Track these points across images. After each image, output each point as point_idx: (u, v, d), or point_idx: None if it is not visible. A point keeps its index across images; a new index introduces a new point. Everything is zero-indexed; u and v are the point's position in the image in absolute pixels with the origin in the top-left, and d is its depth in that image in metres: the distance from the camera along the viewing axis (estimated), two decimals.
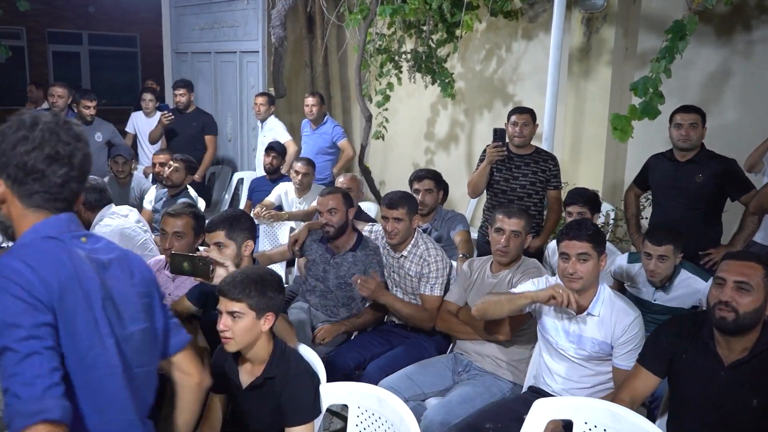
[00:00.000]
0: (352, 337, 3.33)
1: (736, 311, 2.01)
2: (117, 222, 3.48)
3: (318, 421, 2.16)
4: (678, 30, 3.45)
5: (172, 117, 5.72)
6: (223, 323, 2.02)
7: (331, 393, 2.22)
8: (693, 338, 2.18)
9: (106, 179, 4.67)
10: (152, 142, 6.01)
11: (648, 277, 3.04)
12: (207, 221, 2.59)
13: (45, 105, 7.08)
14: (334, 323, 3.20)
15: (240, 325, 2.01)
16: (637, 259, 3.19)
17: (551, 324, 2.55)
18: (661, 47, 3.56)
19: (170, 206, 4.34)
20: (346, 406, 2.29)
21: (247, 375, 2.13)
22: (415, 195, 3.68)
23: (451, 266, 3.21)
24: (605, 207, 4.71)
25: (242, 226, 2.61)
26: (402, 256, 3.17)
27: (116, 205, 3.64)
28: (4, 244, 4.58)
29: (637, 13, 5.06)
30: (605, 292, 2.48)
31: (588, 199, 3.42)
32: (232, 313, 2.01)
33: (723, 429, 2.10)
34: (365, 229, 3.50)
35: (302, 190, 4.77)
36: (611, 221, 4.90)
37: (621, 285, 3.29)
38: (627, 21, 5.06)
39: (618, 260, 3.31)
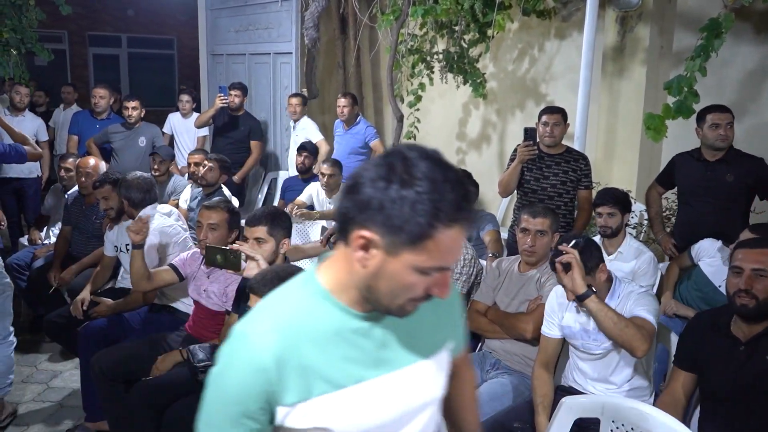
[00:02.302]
0: None
1: (756, 297, 2.08)
2: (159, 220, 3.59)
3: None
4: (713, 28, 3.39)
5: (227, 100, 5.81)
6: None
7: None
8: (712, 329, 2.23)
9: None
10: (199, 126, 6.11)
11: None
12: (248, 216, 2.67)
13: (74, 106, 7.28)
14: None
15: None
16: None
17: (570, 331, 2.54)
18: (696, 45, 3.51)
19: None
20: None
21: None
22: None
23: (480, 266, 3.21)
24: (639, 207, 4.66)
25: (283, 224, 2.67)
26: None
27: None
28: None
29: (673, 11, 4.99)
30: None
31: (618, 199, 3.38)
32: None
33: (745, 407, 2.11)
34: None
35: (331, 190, 4.83)
36: (645, 221, 4.84)
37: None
38: (662, 19, 4.99)
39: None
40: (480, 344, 3.10)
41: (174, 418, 2.53)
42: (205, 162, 4.65)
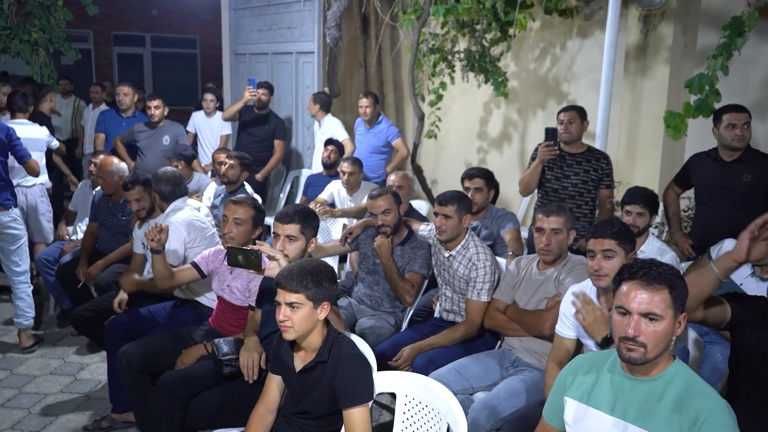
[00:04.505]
0: (402, 330, 3.41)
1: None
2: (189, 213, 3.66)
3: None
4: (736, 26, 3.38)
5: (255, 93, 5.88)
6: (283, 313, 2.11)
7: (379, 382, 2.30)
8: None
9: None
10: (226, 119, 6.18)
11: None
12: (280, 213, 2.70)
13: (103, 106, 7.40)
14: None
15: (298, 315, 2.11)
16: None
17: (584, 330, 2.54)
18: (718, 44, 3.49)
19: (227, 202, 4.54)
20: (394, 399, 2.36)
21: (300, 360, 2.23)
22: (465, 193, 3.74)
23: (501, 270, 3.23)
24: (660, 207, 4.65)
25: (313, 223, 2.71)
26: (450, 255, 3.21)
27: None
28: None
29: (696, 10, 4.96)
30: None
31: (648, 199, 3.33)
32: (290, 304, 2.11)
33: None
34: (421, 228, 3.59)
35: (351, 188, 4.87)
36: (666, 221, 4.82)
37: None
38: (686, 17, 4.96)
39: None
40: (500, 342, 3.12)
41: (198, 409, 2.59)
42: (226, 160, 4.71)
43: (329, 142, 5.45)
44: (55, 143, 5.45)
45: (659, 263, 1.81)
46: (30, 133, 4.88)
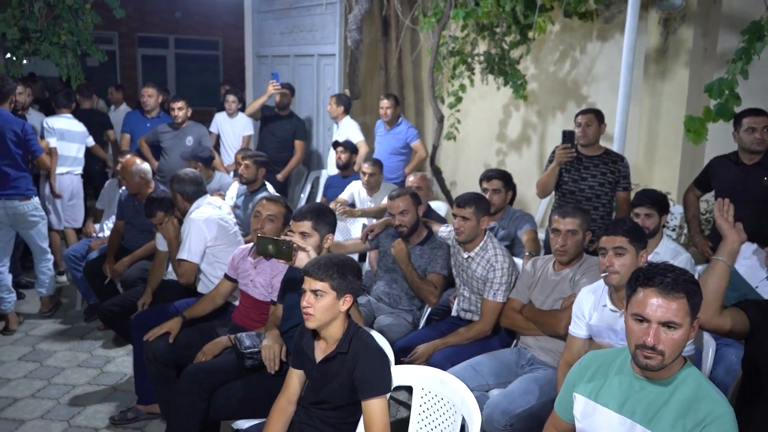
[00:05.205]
0: (419, 327, 3.47)
1: None
2: (212, 211, 3.77)
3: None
4: (755, 30, 3.39)
5: (280, 87, 5.98)
6: (307, 300, 2.20)
7: (397, 375, 2.36)
8: None
9: None
10: (249, 114, 6.26)
11: None
12: (295, 211, 2.82)
13: (123, 106, 7.55)
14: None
15: (321, 303, 2.19)
16: None
17: (597, 330, 2.59)
18: (737, 48, 3.51)
19: (249, 202, 4.64)
20: (411, 397, 2.43)
21: (321, 351, 2.30)
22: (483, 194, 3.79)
23: (517, 271, 3.28)
24: (679, 209, 4.65)
25: (327, 219, 2.80)
26: (469, 256, 3.26)
27: None
28: (100, 234, 4.98)
29: (717, 13, 4.95)
30: None
31: (656, 200, 3.37)
32: (315, 292, 2.19)
33: None
34: (441, 229, 3.65)
35: (371, 189, 4.94)
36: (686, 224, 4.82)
37: None
38: (707, 21, 4.96)
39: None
40: (515, 341, 3.17)
41: (221, 400, 2.68)
42: (241, 161, 4.80)
43: (336, 144, 5.52)
44: (90, 141, 5.86)
45: (673, 268, 1.81)
46: (71, 126, 5.58)
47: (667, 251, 3.36)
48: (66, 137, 5.50)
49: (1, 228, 4.51)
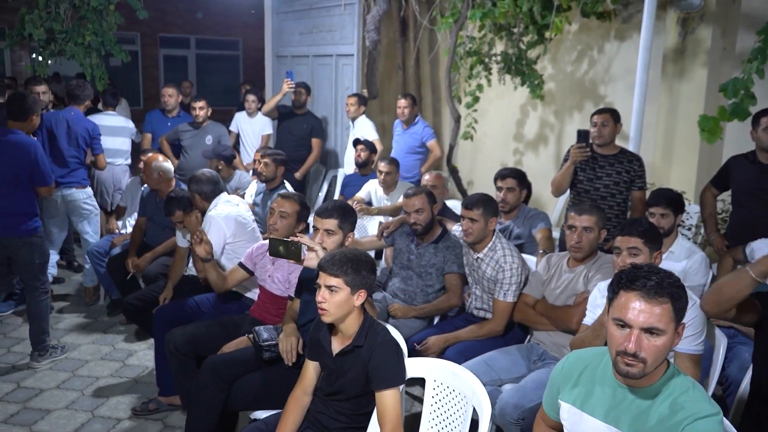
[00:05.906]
0: (434, 323, 3.53)
1: None
2: (230, 209, 3.86)
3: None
4: None
5: (294, 85, 6.09)
6: (321, 295, 2.25)
7: (410, 367, 2.42)
8: None
9: None
10: (265, 113, 6.36)
11: None
12: (320, 208, 2.86)
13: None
14: (408, 306, 3.52)
15: (336, 299, 2.24)
16: None
17: None
18: (753, 48, 3.51)
19: (268, 199, 4.72)
20: (424, 390, 2.48)
21: (338, 344, 2.36)
22: (498, 193, 3.83)
23: (528, 269, 3.32)
24: (696, 209, 4.65)
25: (351, 218, 2.87)
26: (479, 257, 3.31)
27: None
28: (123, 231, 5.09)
29: (736, 13, 4.94)
30: None
31: (671, 200, 3.38)
32: (329, 287, 2.25)
33: None
34: (455, 228, 3.70)
35: (388, 187, 5.00)
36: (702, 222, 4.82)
37: None
38: (725, 21, 4.95)
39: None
40: (528, 336, 3.21)
41: (240, 391, 2.75)
42: (260, 159, 4.87)
43: (357, 141, 5.59)
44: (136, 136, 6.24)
45: (658, 270, 1.70)
46: (116, 122, 5.96)
47: (682, 250, 3.37)
48: (107, 133, 5.74)
49: (57, 216, 4.87)
